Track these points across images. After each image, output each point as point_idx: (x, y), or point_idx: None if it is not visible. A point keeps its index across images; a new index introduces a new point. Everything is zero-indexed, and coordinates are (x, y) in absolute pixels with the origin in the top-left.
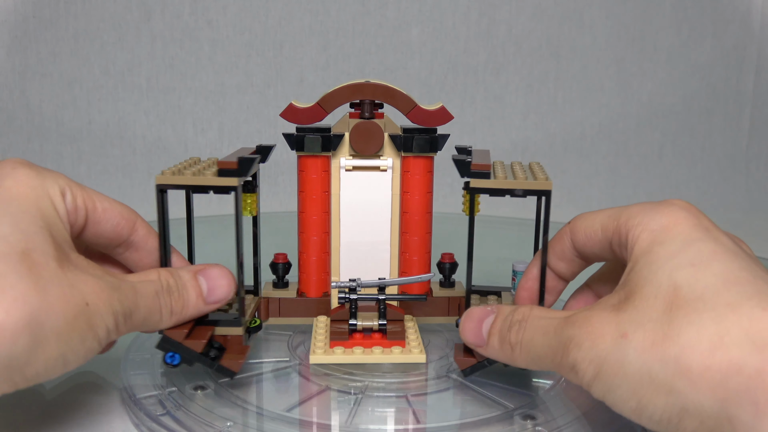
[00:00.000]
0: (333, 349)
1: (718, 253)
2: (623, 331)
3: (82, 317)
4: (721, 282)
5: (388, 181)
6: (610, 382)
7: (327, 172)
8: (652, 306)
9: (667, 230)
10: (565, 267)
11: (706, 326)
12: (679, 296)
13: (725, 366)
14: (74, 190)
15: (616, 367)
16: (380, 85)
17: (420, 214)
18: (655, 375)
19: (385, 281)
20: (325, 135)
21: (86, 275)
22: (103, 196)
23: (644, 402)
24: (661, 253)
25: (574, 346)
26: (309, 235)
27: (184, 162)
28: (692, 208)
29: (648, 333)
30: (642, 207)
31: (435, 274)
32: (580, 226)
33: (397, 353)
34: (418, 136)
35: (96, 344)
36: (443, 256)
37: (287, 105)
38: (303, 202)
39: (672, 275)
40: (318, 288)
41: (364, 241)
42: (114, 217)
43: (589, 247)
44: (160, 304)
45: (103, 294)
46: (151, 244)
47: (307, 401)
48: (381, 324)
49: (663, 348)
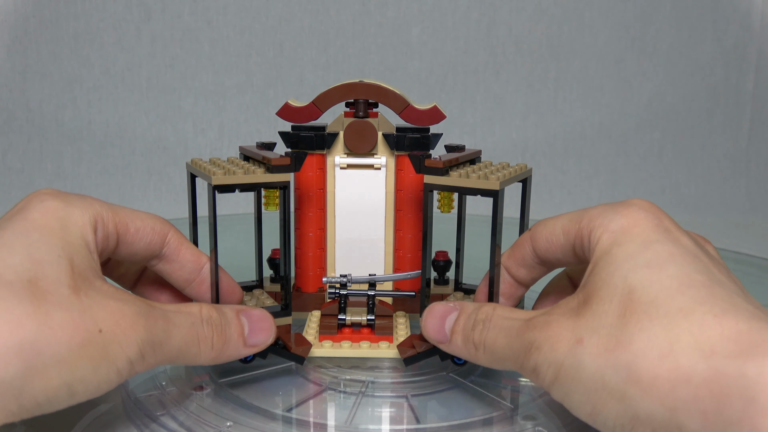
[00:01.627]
0: (321, 343)
1: (675, 255)
2: (579, 337)
3: (93, 345)
4: (676, 285)
5: (382, 179)
6: (567, 386)
7: (322, 170)
8: (607, 311)
9: (625, 231)
10: (526, 273)
11: (656, 333)
12: (633, 299)
13: (674, 375)
14: (106, 216)
15: (572, 372)
16: (373, 84)
17: (413, 212)
18: (608, 381)
19: (375, 277)
20: (319, 133)
21: (108, 300)
22: (135, 213)
23: (598, 407)
24: (619, 254)
25: (534, 350)
26: (305, 232)
27: (202, 162)
28: (654, 207)
29: (602, 339)
30: (603, 208)
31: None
32: (542, 233)
33: (384, 348)
34: (410, 135)
35: (114, 375)
36: (437, 253)
37: (283, 104)
38: (299, 199)
39: (627, 277)
40: (313, 283)
41: (359, 238)
42: (147, 235)
43: (551, 253)
44: (197, 336)
45: (126, 320)
46: (183, 256)
47: (307, 401)
48: (369, 319)
49: (615, 354)
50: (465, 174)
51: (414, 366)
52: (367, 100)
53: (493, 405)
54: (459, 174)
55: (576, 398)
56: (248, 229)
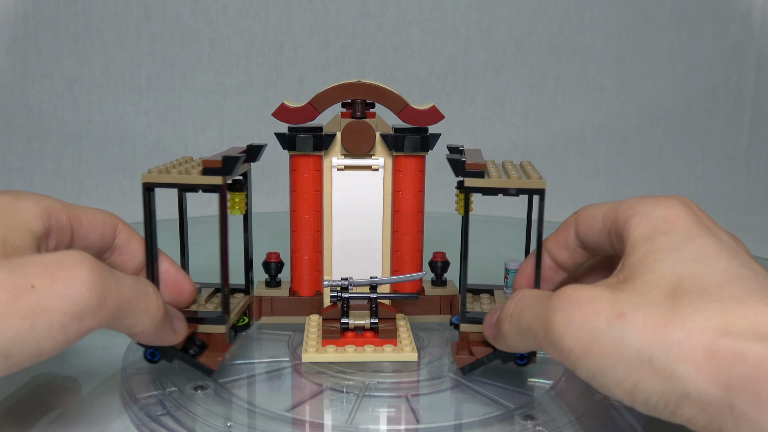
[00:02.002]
0: (325, 348)
1: (720, 250)
2: (620, 311)
3: (23, 301)
4: (725, 277)
5: (380, 181)
6: (602, 362)
7: (319, 172)
8: (653, 291)
9: (668, 222)
10: (567, 256)
11: (711, 315)
12: (683, 287)
13: (731, 354)
14: (58, 209)
15: (611, 348)
16: (371, 84)
17: (412, 213)
18: (656, 358)
19: (377, 280)
20: (316, 134)
21: (43, 257)
22: (86, 208)
23: (641, 385)
24: (664, 243)
25: (561, 321)
26: (301, 234)
27: (174, 161)
28: (692, 204)
29: (649, 316)
30: (642, 198)
31: (427, 273)
32: (585, 216)
33: (389, 351)
34: (409, 136)
35: (56, 331)
36: (435, 254)
37: (278, 105)
38: (295, 202)
39: (676, 268)
40: (310, 287)
41: (357, 240)
42: (99, 227)
43: (590, 237)
44: (145, 289)
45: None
46: (133, 246)
47: (307, 401)
48: (372, 322)
49: (666, 332)
50: (505, 174)
51: (414, 366)
52: (364, 100)
53: (493, 405)
54: (498, 175)
55: (613, 375)
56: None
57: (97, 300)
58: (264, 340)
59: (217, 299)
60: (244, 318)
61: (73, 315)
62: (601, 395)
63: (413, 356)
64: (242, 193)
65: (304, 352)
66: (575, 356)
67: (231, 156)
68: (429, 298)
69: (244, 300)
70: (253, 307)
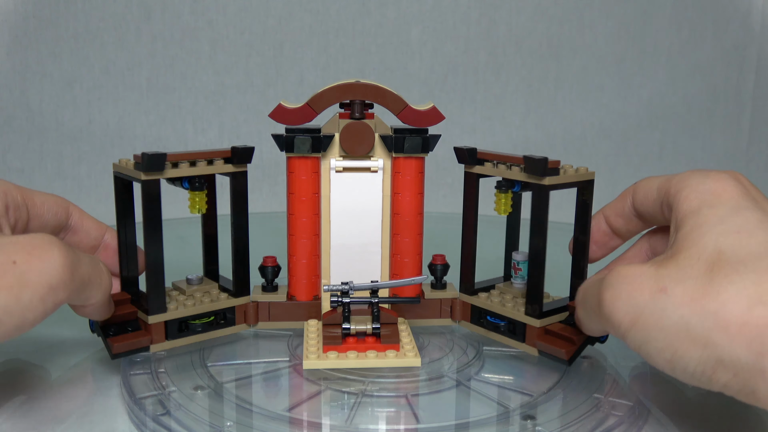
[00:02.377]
0: (326, 354)
1: (763, 223)
2: (662, 286)
3: (9, 275)
4: (764, 249)
5: (379, 183)
6: (646, 334)
7: (317, 174)
8: (694, 265)
9: (716, 195)
10: (623, 224)
11: (746, 286)
12: (722, 259)
13: (762, 322)
14: (13, 190)
15: (653, 320)
16: (370, 85)
17: (411, 216)
18: (693, 328)
19: (378, 284)
20: (314, 136)
21: (17, 237)
22: (36, 191)
23: (679, 353)
24: (710, 216)
25: (610, 296)
26: (298, 238)
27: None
28: (743, 178)
29: (688, 289)
30: (694, 172)
31: (427, 276)
32: (642, 186)
33: (392, 357)
34: (409, 137)
35: (37, 302)
36: (435, 257)
37: (276, 105)
38: (292, 204)
39: (718, 240)
40: (308, 291)
41: (355, 244)
42: (52, 207)
43: (645, 207)
44: (99, 265)
45: (38, 250)
46: (87, 225)
47: (306, 401)
48: (375, 327)
49: (702, 303)
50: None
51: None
52: (363, 101)
53: (493, 405)
54: (564, 170)
55: (655, 345)
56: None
57: (68, 275)
58: (263, 340)
59: (200, 294)
60: (211, 317)
61: (50, 288)
62: (600, 395)
63: (416, 361)
64: (202, 192)
65: (305, 359)
66: (623, 329)
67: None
68: (428, 302)
69: (225, 301)
70: (250, 312)
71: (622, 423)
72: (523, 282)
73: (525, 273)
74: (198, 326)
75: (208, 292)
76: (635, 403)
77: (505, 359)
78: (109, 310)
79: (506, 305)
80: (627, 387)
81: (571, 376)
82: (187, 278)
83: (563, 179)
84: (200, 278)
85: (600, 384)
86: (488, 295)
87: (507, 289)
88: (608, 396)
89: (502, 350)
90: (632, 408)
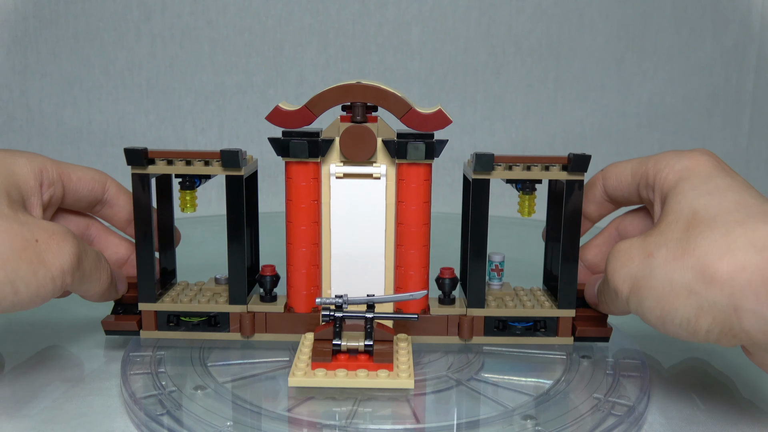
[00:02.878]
0: (314, 372)
1: (732, 186)
2: (649, 252)
3: (31, 250)
4: (733, 205)
5: (382, 190)
6: (640, 296)
7: (316, 180)
8: (674, 229)
9: (689, 169)
10: (594, 209)
11: (716, 238)
12: (697, 218)
13: (732, 267)
14: (50, 166)
15: (643, 282)
16: (372, 86)
17: (416, 226)
18: (676, 282)
19: (374, 298)
20: (312, 140)
21: (40, 221)
22: (76, 166)
23: (667, 308)
24: (685, 186)
25: (611, 271)
26: (297, 247)
27: None
28: (714, 155)
29: (670, 250)
30: (668, 153)
31: (428, 291)
32: (612, 172)
33: (384, 377)
34: (413, 142)
35: (49, 281)
36: (442, 270)
37: (273, 108)
38: (291, 212)
39: (692, 203)
40: (307, 303)
41: (357, 254)
42: (88, 183)
43: (619, 191)
44: (100, 261)
45: (57, 236)
46: (122, 200)
47: (306, 401)
48: (367, 345)
49: (682, 260)
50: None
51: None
52: (365, 103)
53: (493, 405)
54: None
55: (647, 304)
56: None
57: (77, 262)
58: (263, 340)
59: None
60: (201, 317)
61: (61, 270)
62: (600, 395)
63: (409, 383)
64: (192, 191)
65: (291, 375)
66: (624, 296)
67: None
68: (435, 318)
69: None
70: (246, 321)
71: (622, 423)
72: (501, 283)
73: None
74: (190, 323)
75: (214, 293)
76: (635, 403)
77: (505, 359)
78: (114, 295)
79: (525, 305)
80: (627, 387)
81: (571, 376)
82: (216, 277)
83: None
84: (227, 278)
85: (600, 384)
86: (496, 303)
87: (496, 293)
88: (608, 396)
89: (502, 350)
90: (632, 408)
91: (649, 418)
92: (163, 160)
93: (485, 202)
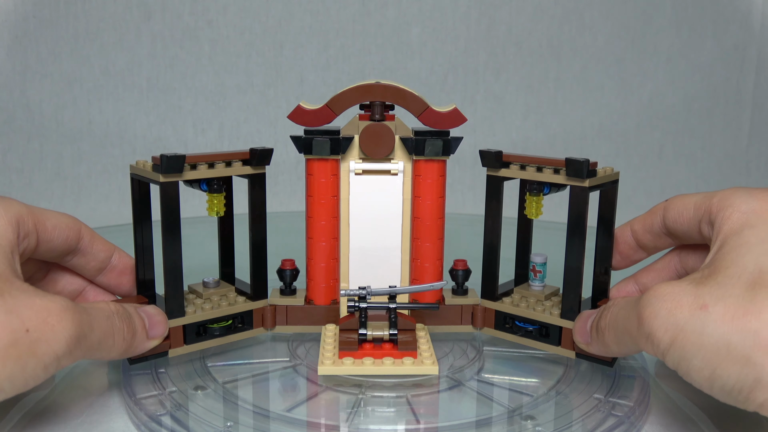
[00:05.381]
0: (342, 360)
1: None
2: (702, 303)
3: (20, 345)
4: None
5: (399, 186)
6: (685, 351)
7: (336, 176)
8: (735, 284)
9: (757, 214)
10: (650, 239)
11: None
12: (764, 279)
13: None
14: (25, 215)
15: (693, 337)
16: (391, 86)
17: (432, 220)
18: (733, 346)
19: (396, 289)
20: (334, 138)
21: (33, 298)
22: (50, 212)
23: (718, 372)
24: (751, 236)
25: (649, 315)
26: (317, 241)
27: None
28: None
29: (729, 307)
30: (736, 189)
31: (447, 282)
32: (675, 204)
33: (409, 364)
34: (429, 139)
35: (41, 371)
36: (456, 262)
37: (295, 106)
38: (311, 207)
39: (759, 260)
40: (326, 295)
41: (375, 247)
42: (63, 231)
43: (679, 225)
44: (113, 328)
45: (53, 317)
46: (96, 248)
47: (307, 401)
48: (392, 334)
49: (743, 321)
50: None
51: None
52: (383, 102)
53: (493, 405)
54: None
55: (695, 363)
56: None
57: (75, 345)
58: (263, 340)
59: (218, 297)
60: (229, 321)
61: (55, 358)
62: (600, 395)
63: (434, 369)
64: (220, 195)
65: (320, 364)
66: (663, 346)
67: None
68: (449, 308)
69: (243, 304)
70: (267, 316)
71: (622, 423)
72: (542, 284)
73: (545, 275)
74: (216, 330)
75: (225, 295)
76: (635, 403)
77: (505, 359)
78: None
79: (536, 309)
80: (627, 387)
81: (571, 376)
82: (204, 281)
83: (599, 180)
84: (217, 281)
85: (600, 384)
86: (512, 300)
87: (527, 293)
88: (608, 396)
89: (502, 350)
90: (632, 408)
91: (650, 418)
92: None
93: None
